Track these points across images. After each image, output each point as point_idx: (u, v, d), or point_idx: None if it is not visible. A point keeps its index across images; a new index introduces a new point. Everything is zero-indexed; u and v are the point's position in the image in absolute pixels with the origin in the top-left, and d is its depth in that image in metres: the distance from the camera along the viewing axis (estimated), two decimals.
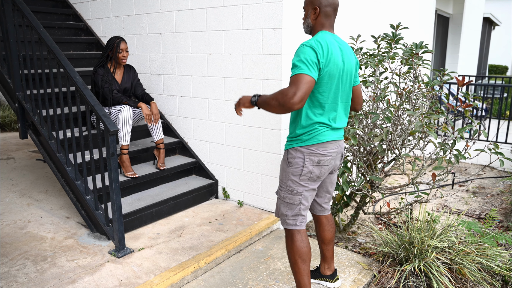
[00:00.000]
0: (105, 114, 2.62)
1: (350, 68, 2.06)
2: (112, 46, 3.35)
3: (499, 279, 2.61)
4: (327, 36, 1.97)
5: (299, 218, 2.14)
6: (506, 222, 3.62)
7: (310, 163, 2.06)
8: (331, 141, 2.09)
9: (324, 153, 2.07)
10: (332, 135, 2.09)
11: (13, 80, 3.30)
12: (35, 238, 2.94)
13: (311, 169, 2.07)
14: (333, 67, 1.94)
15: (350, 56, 2.07)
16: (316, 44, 1.89)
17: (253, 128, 3.38)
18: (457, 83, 2.85)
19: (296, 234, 2.13)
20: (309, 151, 2.05)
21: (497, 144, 2.87)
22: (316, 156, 2.06)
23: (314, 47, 1.88)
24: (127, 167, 3.29)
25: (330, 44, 1.94)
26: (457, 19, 8.36)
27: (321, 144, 2.06)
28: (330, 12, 2.03)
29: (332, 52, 1.93)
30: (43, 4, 4.65)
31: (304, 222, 2.17)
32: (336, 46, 1.98)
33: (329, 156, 2.10)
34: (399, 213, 3.53)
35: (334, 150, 2.11)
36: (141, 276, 2.46)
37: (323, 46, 1.90)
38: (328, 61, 1.91)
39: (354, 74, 2.13)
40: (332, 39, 1.98)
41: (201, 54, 3.60)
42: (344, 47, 2.05)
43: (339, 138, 2.15)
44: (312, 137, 2.04)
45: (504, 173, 5.18)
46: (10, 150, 5.37)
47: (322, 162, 2.08)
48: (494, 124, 6.98)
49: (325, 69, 1.92)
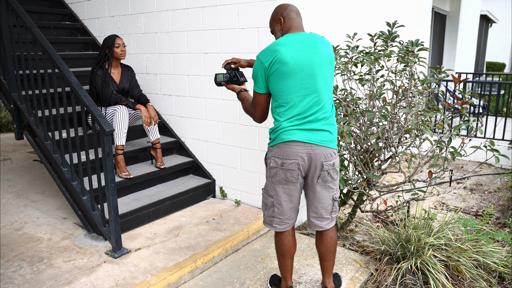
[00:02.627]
0: (100, 115, 2.61)
1: (317, 60, 1.94)
2: (108, 43, 3.34)
3: (496, 276, 2.62)
4: (281, 39, 1.97)
5: (275, 220, 2.15)
6: (503, 219, 3.63)
7: (275, 164, 2.01)
8: (296, 142, 1.95)
9: (286, 154, 1.97)
10: (299, 136, 1.95)
11: (8, 81, 3.29)
12: (32, 239, 2.93)
13: (276, 171, 2.01)
14: (285, 65, 1.90)
15: (318, 48, 1.96)
16: (261, 52, 1.98)
17: (249, 127, 3.38)
18: (453, 81, 2.85)
19: (276, 234, 2.22)
20: (274, 151, 2.01)
21: (493, 141, 2.87)
22: (279, 158, 1.99)
23: (259, 55, 1.99)
24: (122, 167, 3.28)
25: (283, 43, 1.93)
26: (454, 17, 8.36)
27: (284, 143, 1.97)
28: (294, 16, 2.04)
29: (282, 52, 1.91)
30: (38, 4, 4.63)
31: (282, 226, 2.15)
32: (297, 42, 1.94)
33: (293, 160, 1.97)
34: (396, 211, 3.53)
35: (301, 153, 1.96)
36: (138, 276, 2.46)
37: (269, 48, 1.95)
38: (274, 60, 1.91)
39: (325, 65, 1.98)
40: (290, 38, 1.96)
41: (197, 54, 3.60)
42: (311, 41, 1.96)
43: (313, 141, 1.97)
44: (276, 136, 2.00)
45: (502, 170, 5.19)
46: (6, 151, 5.35)
47: (285, 165, 1.98)
48: (492, 121, 6.98)
49: (272, 69, 1.93)
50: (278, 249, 2.22)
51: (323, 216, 2.14)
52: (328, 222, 2.17)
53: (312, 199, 2.12)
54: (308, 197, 2.14)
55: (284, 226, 2.16)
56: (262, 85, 2.01)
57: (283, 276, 2.29)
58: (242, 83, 2.31)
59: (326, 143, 1.99)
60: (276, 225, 2.16)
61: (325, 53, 1.97)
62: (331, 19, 3.61)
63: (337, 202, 2.17)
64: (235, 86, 2.30)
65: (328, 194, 2.10)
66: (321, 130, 1.98)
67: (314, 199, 2.10)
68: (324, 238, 2.20)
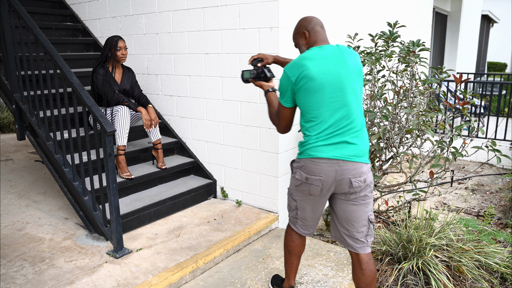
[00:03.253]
0: (102, 115, 2.61)
1: (345, 72, 1.88)
2: (111, 45, 3.35)
3: (497, 276, 2.61)
4: (308, 52, 1.93)
5: (298, 222, 2.14)
6: (504, 219, 3.62)
7: (300, 177, 1.98)
8: (323, 159, 1.88)
9: (311, 170, 1.91)
10: (327, 152, 1.87)
11: (10, 82, 3.30)
12: (34, 240, 2.94)
13: (301, 183, 1.99)
14: (313, 80, 1.85)
15: (346, 60, 1.90)
16: (288, 66, 1.95)
17: (250, 128, 3.38)
18: (455, 81, 2.85)
19: (289, 230, 2.23)
20: (300, 165, 1.97)
21: (494, 141, 2.87)
22: (304, 172, 1.95)
23: (285, 69, 1.96)
24: (123, 168, 3.29)
25: (310, 58, 1.89)
26: (455, 17, 8.36)
27: (311, 160, 1.91)
28: (318, 29, 2.01)
29: (309, 66, 1.86)
30: (40, 5, 4.64)
31: (305, 231, 2.15)
32: (323, 56, 1.89)
33: (318, 177, 1.90)
34: (397, 211, 3.52)
35: (327, 170, 1.88)
36: (139, 276, 2.46)
37: (296, 62, 1.92)
38: (302, 76, 1.87)
39: (354, 77, 1.92)
40: (316, 51, 1.92)
41: (198, 54, 3.60)
42: (338, 53, 1.91)
43: (341, 157, 1.86)
44: (304, 150, 1.95)
45: (503, 170, 5.18)
46: (8, 151, 5.36)
47: (310, 180, 1.93)
48: (493, 121, 6.97)
49: (299, 84, 1.89)
50: (287, 244, 2.23)
51: (357, 238, 1.99)
52: (362, 246, 1.99)
53: (342, 217, 1.99)
54: (338, 214, 2.01)
55: (307, 232, 2.15)
56: (289, 100, 1.97)
57: (287, 275, 2.29)
58: (270, 79, 2.26)
59: (355, 157, 1.89)
60: (299, 227, 2.15)
61: (353, 65, 1.91)
62: (332, 20, 3.61)
63: (373, 225, 2.01)
64: (263, 83, 2.24)
65: (362, 214, 1.96)
66: (350, 143, 1.89)
67: (345, 217, 1.98)
68: (364, 273, 2.00)
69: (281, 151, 3.27)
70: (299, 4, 3.20)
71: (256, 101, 3.29)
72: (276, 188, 3.33)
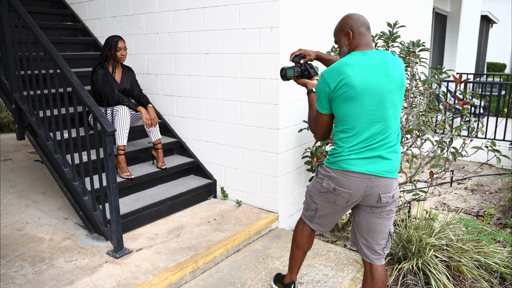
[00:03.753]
0: (102, 115, 2.61)
1: (387, 85, 1.78)
2: (111, 45, 3.35)
3: (497, 276, 2.62)
4: (349, 58, 1.81)
5: (315, 219, 2.12)
6: (504, 219, 3.63)
7: (327, 186, 1.92)
8: (355, 173, 1.82)
9: (341, 183, 1.85)
10: (359, 167, 1.81)
11: (10, 81, 3.30)
12: (33, 240, 2.93)
13: (327, 192, 1.94)
14: (353, 89, 1.75)
15: (390, 71, 1.80)
16: (327, 71, 1.83)
17: (251, 128, 3.38)
18: (454, 81, 2.85)
19: (301, 224, 2.23)
20: (329, 174, 1.90)
21: (494, 141, 2.87)
22: (333, 182, 1.89)
23: (324, 74, 1.83)
24: (123, 168, 3.29)
25: (351, 64, 1.77)
26: (455, 17, 8.37)
27: (342, 172, 1.84)
28: (364, 31, 1.86)
29: (350, 74, 1.75)
30: (40, 5, 4.64)
31: (321, 229, 2.15)
32: (366, 64, 1.78)
33: (347, 190, 1.85)
34: (397, 211, 3.53)
35: (358, 184, 1.83)
36: (139, 276, 2.46)
37: (336, 68, 1.79)
38: (342, 84, 1.76)
39: (396, 90, 1.82)
40: (359, 57, 1.80)
41: (199, 54, 3.60)
42: (382, 62, 1.80)
43: (373, 173, 1.81)
44: (335, 161, 1.87)
45: (503, 170, 5.19)
46: (8, 151, 5.36)
47: (338, 192, 1.88)
48: (492, 121, 6.98)
49: (338, 92, 1.78)
50: (295, 239, 2.25)
51: (374, 249, 1.97)
52: (379, 258, 1.99)
53: (364, 227, 1.97)
54: (359, 224, 1.98)
55: (324, 230, 2.16)
56: (326, 106, 1.86)
57: (290, 269, 2.32)
58: (313, 76, 2.14)
59: (387, 173, 1.83)
60: (316, 225, 2.14)
61: (396, 76, 1.80)
62: (332, 20, 3.61)
63: (392, 237, 2.01)
64: (307, 81, 2.11)
65: (384, 228, 1.94)
66: (383, 158, 1.82)
67: (367, 228, 1.96)
68: (376, 284, 1.99)
69: (281, 151, 3.27)
70: (299, 4, 3.20)
71: (256, 101, 3.29)
72: (276, 188, 3.33)
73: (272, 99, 3.18)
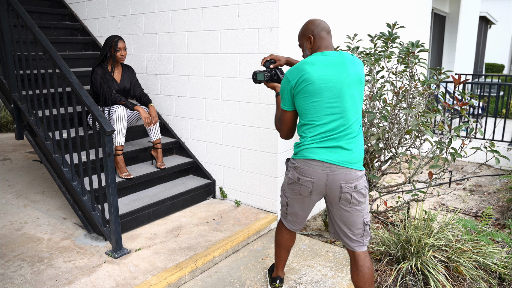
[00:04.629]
0: (101, 115, 2.61)
1: (345, 80, 1.90)
2: (110, 45, 3.34)
3: (496, 277, 2.62)
4: (310, 57, 1.96)
5: (288, 217, 2.23)
6: (502, 219, 3.64)
7: (292, 177, 2.03)
8: (316, 161, 1.92)
9: (303, 172, 1.96)
10: (320, 155, 1.91)
11: (9, 81, 3.29)
12: (32, 239, 2.93)
13: (293, 182, 2.04)
14: (312, 84, 1.88)
15: (347, 68, 1.92)
16: (289, 70, 1.98)
17: (249, 128, 3.38)
18: (453, 82, 2.86)
19: (280, 225, 2.32)
20: (294, 165, 2.01)
21: (493, 142, 2.88)
22: (296, 172, 2.00)
23: (287, 73, 1.99)
24: (122, 168, 3.28)
25: (311, 63, 1.92)
26: (453, 18, 8.38)
27: (304, 161, 1.95)
28: (324, 35, 2.01)
29: (309, 71, 1.89)
30: (39, 4, 4.63)
31: (294, 226, 2.24)
32: (325, 62, 1.92)
33: (309, 178, 1.95)
34: (396, 212, 3.53)
35: (319, 172, 1.92)
36: (138, 276, 2.46)
37: (297, 67, 1.94)
38: (301, 79, 1.90)
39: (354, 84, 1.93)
40: (318, 57, 1.94)
41: (198, 54, 3.60)
42: (340, 60, 1.93)
43: (334, 162, 1.90)
44: (299, 151, 1.99)
45: (501, 171, 5.20)
46: (6, 151, 5.35)
47: (301, 181, 1.98)
48: (491, 122, 6.99)
49: (298, 88, 1.92)
50: (277, 238, 2.34)
51: (352, 238, 2.04)
52: (359, 245, 2.05)
53: (338, 220, 2.03)
54: (333, 217, 2.06)
55: (295, 228, 2.26)
56: (289, 103, 2.01)
57: (276, 266, 2.42)
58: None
59: (347, 164, 1.91)
60: (289, 223, 2.24)
61: (354, 73, 1.92)
62: (332, 20, 3.61)
63: (369, 226, 2.05)
64: (276, 85, 2.27)
65: (357, 219, 1.99)
66: (344, 148, 1.91)
67: (340, 220, 2.02)
68: (361, 270, 2.04)
69: (280, 151, 3.27)
70: (299, 5, 3.20)
71: (255, 101, 3.29)
72: (275, 188, 3.33)
73: (272, 99, 3.18)
